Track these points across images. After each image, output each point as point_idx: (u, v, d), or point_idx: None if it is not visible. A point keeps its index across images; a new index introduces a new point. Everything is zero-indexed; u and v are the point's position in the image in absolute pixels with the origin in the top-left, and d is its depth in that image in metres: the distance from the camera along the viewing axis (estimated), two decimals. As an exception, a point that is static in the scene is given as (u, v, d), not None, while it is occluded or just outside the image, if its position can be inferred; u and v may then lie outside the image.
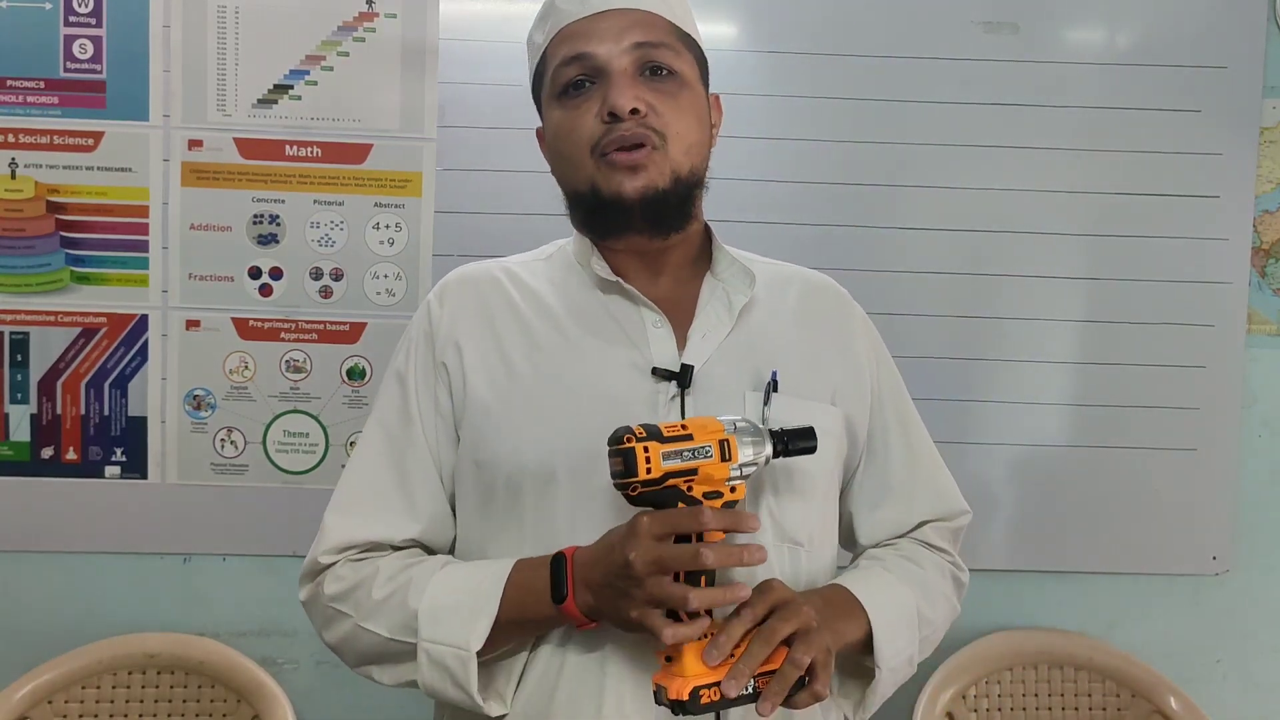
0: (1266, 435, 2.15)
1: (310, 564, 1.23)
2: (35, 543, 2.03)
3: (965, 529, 1.36)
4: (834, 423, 1.25)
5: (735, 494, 1.08)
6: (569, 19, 1.22)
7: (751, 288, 1.25)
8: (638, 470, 1.03)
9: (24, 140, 1.96)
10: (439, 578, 1.15)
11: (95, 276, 1.99)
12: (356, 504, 1.23)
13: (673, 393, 1.18)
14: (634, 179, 1.17)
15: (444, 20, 1.99)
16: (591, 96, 1.19)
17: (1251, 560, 2.16)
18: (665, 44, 1.21)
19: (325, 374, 2.03)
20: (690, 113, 1.21)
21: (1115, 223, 2.08)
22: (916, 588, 1.25)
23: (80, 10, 1.95)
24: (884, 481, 1.32)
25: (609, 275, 1.23)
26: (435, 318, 1.26)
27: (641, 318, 1.22)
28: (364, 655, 1.21)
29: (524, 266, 1.31)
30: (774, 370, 1.19)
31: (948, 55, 2.05)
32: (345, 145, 2.00)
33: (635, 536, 1.04)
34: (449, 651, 1.12)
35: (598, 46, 1.19)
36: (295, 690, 2.02)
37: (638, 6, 1.21)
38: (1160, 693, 2.03)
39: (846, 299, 1.35)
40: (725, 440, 1.06)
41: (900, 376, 1.36)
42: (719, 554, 1.03)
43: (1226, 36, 2.07)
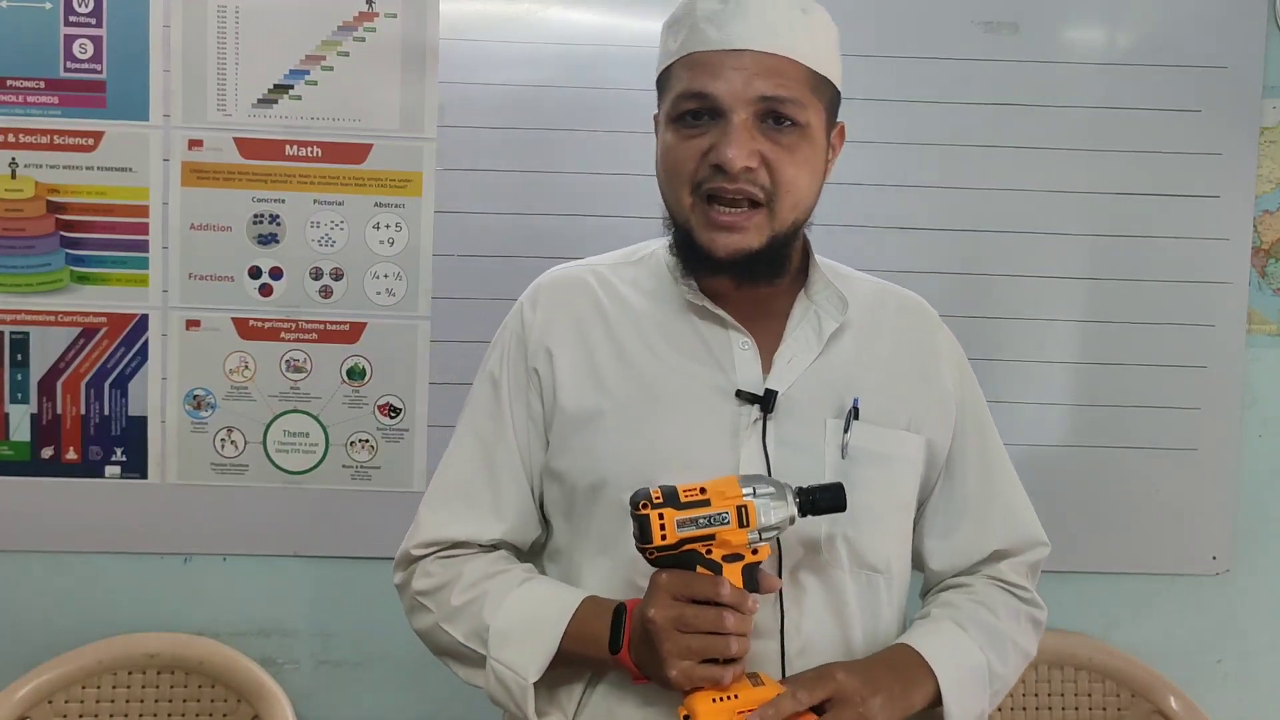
0: (1266, 435, 2.15)
1: (403, 554, 1.28)
2: (35, 543, 2.03)
3: (1042, 564, 1.34)
4: (914, 450, 1.24)
5: (757, 556, 1.08)
6: (704, 45, 1.17)
7: (843, 313, 1.24)
8: (652, 538, 1.05)
9: (24, 140, 1.96)
10: (513, 597, 1.18)
11: (95, 276, 1.99)
12: (448, 501, 1.27)
13: (755, 417, 1.18)
14: (728, 239, 1.16)
15: (444, 20, 1.99)
16: (705, 133, 1.16)
17: (1251, 560, 2.16)
18: (793, 99, 1.16)
19: (325, 374, 2.02)
20: (805, 166, 1.18)
21: (1115, 223, 2.08)
22: (990, 642, 1.23)
23: (80, 10, 1.95)
24: (960, 507, 1.30)
25: (696, 299, 1.23)
26: (528, 322, 1.27)
27: (729, 339, 1.22)
28: (441, 649, 1.26)
29: (615, 271, 1.30)
30: (855, 398, 1.19)
31: (948, 55, 2.05)
32: (345, 145, 2.00)
33: (654, 593, 1.07)
34: (510, 676, 1.16)
35: (723, 89, 1.14)
36: (295, 690, 2.02)
37: (775, 51, 1.16)
38: (1160, 693, 2.03)
39: (934, 320, 1.34)
40: (743, 506, 1.06)
41: (985, 403, 1.34)
42: (739, 620, 1.05)
43: (1226, 36, 2.07)
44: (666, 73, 1.22)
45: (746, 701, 1.05)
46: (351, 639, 2.08)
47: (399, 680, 2.09)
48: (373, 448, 2.04)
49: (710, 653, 1.05)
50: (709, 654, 1.05)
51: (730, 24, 1.16)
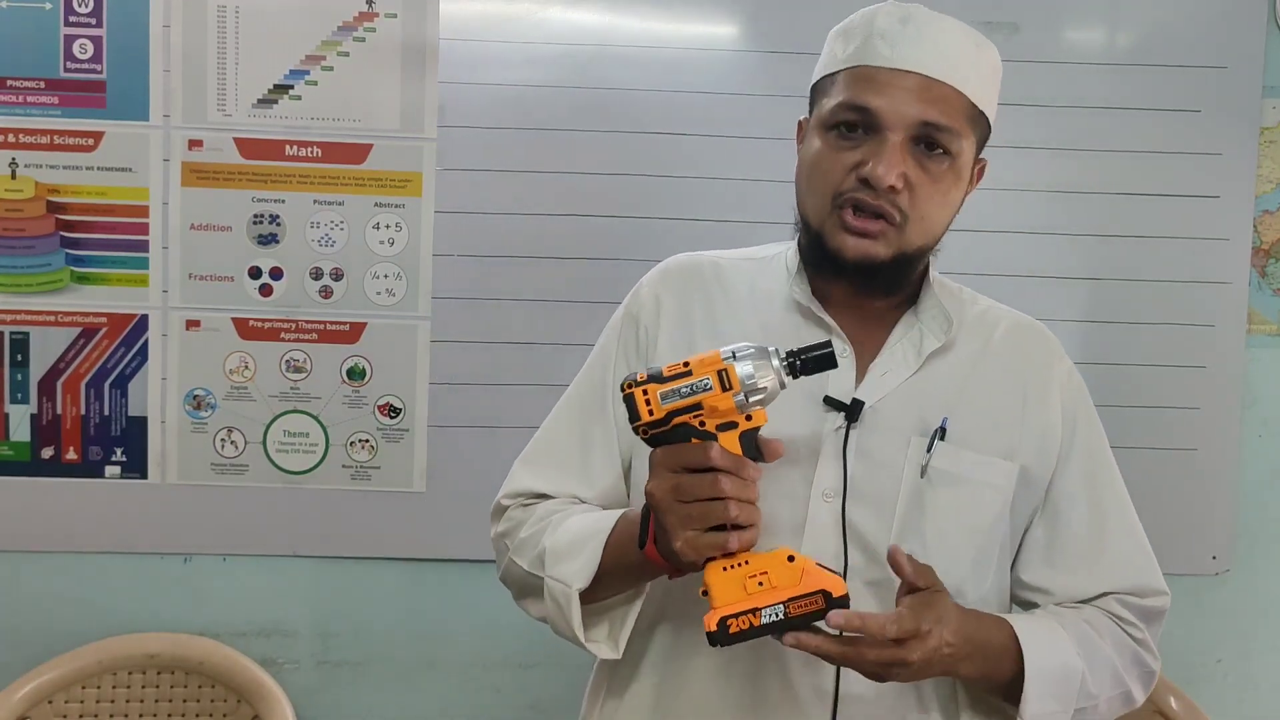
0: (1266, 435, 2.15)
1: (495, 505, 1.32)
2: (35, 543, 2.03)
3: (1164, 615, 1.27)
4: (1003, 477, 1.21)
5: (752, 421, 1.07)
6: (875, 60, 1.17)
7: (946, 334, 1.23)
8: (639, 414, 1.06)
9: (24, 140, 1.96)
10: (569, 522, 1.20)
11: (95, 276, 1.99)
12: (540, 460, 1.30)
13: (839, 424, 1.18)
14: (859, 244, 1.16)
15: (444, 20, 1.98)
16: (857, 146, 1.16)
17: (1251, 560, 2.16)
18: (951, 128, 1.16)
19: (325, 374, 2.02)
20: (945, 197, 1.19)
21: (1115, 223, 2.08)
22: (1087, 654, 1.18)
23: (80, 10, 1.95)
24: (1064, 546, 1.25)
25: (807, 301, 1.23)
26: (642, 300, 1.29)
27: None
28: (518, 586, 1.27)
29: (735, 266, 1.31)
30: (945, 418, 1.18)
31: (948, 55, 2.05)
32: (345, 145, 2.00)
33: (652, 471, 1.08)
34: (559, 588, 1.16)
35: (886, 107, 1.15)
36: (295, 690, 2.02)
37: (943, 78, 1.16)
38: (1160, 693, 2.03)
39: (1053, 350, 1.30)
40: (723, 370, 1.06)
41: (1105, 442, 1.30)
42: (736, 484, 1.04)
43: (1226, 36, 2.06)
44: (829, 79, 1.21)
45: (758, 566, 1.04)
46: (351, 639, 2.08)
47: (399, 680, 2.09)
48: (373, 448, 2.04)
49: (711, 519, 1.04)
50: (710, 520, 1.04)
51: (904, 44, 1.16)
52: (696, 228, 2.01)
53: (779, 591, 1.04)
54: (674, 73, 2.00)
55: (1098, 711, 1.21)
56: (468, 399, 2.02)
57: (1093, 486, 1.27)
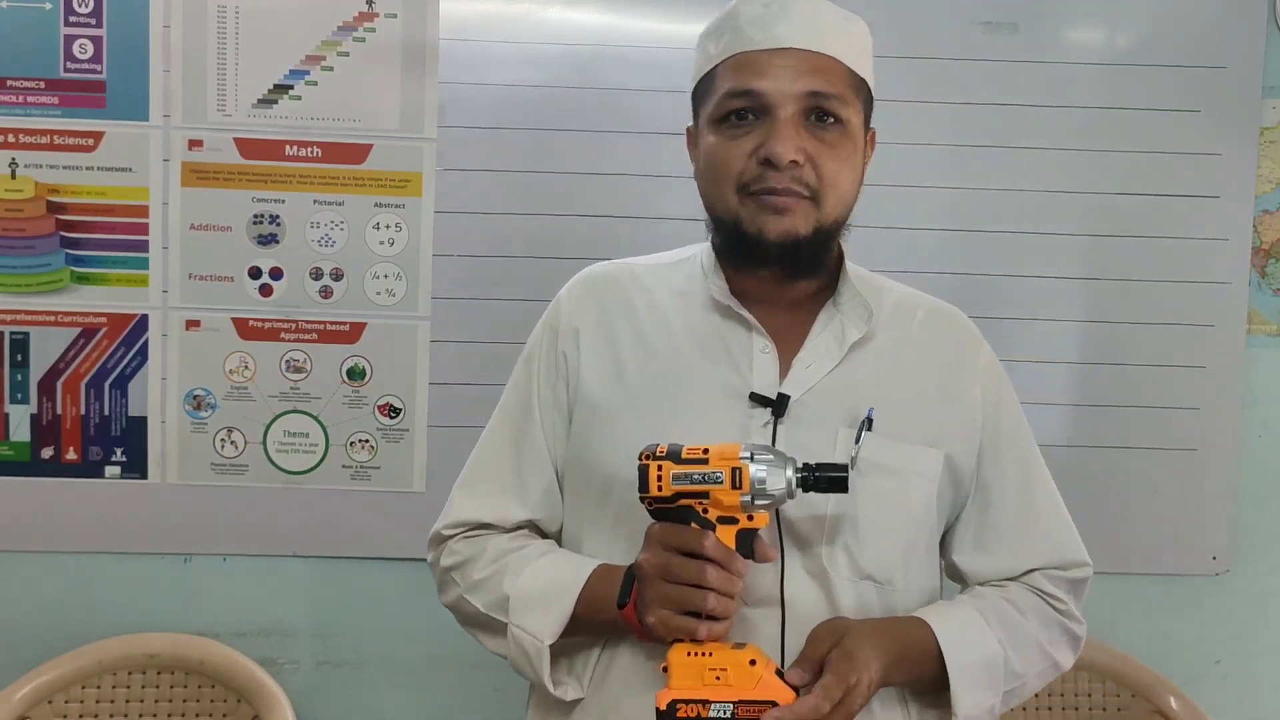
0: (1266, 435, 2.15)
1: (435, 533, 1.32)
2: (35, 543, 2.03)
3: (1088, 583, 1.31)
4: (931, 465, 1.23)
5: (754, 522, 1.10)
6: (748, 46, 1.19)
7: (867, 324, 1.24)
8: (650, 487, 1.09)
9: (24, 140, 1.96)
10: (532, 568, 1.22)
11: (95, 276, 1.99)
12: (477, 484, 1.31)
13: (766, 420, 1.20)
14: (778, 222, 1.18)
15: (444, 20, 1.99)
16: (751, 132, 1.18)
17: (1251, 560, 2.16)
18: (837, 95, 1.19)
19: (325, 374, 2.02)
20: (847, 164, 1.21)
21: (1115, 223, 2.08)
22: (1009, 636, 1.22)
23: (80, 10, 1.95)
24: (994, 526, 1.28)
25: (724, 299, 1.24)
26: (562, 312, 1.30)
27: (751, 341, 1.24)
28: (468, 620, 1.29)
29: (652, 271, 1.33)
30: (871, 408, 1.19)
31: (948, 55, 2.05)
32: (345, 145, 2.00)
33: (647, 543, 1.11)
34: (528, 639, 1.19)
35: (770, 86, 1.17)
36: (295, 690, 2.02)
37: (820, 49, 1.19)
38: (1160, 693, 2.03)
39: (972, 336, 1.33)
40: (738, 468, 1.08)
41: (1025, 423, 1.33)
42: (722, 578, 1.07)
43: (1226, 36, 2.06)
44: (708, 78, 1.24)
45: (720, 661, 1.08)
46: (351, 639, 2.08)
47: (399, 680, 2.09)
48: (373, 448, 2.04)
49: (688, 604, 1.07)
50: (687, 606, 1.07)
51: (775, 25, 1.19)
52: (695, 228, 2.00)
53: (733, 690, 1.08)
54: (674, 73, 1.99)
55: (1027, 686, 1.25)
56: (468, 399, 2.02)
57: (1019, 469, 1.30)
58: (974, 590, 1.29)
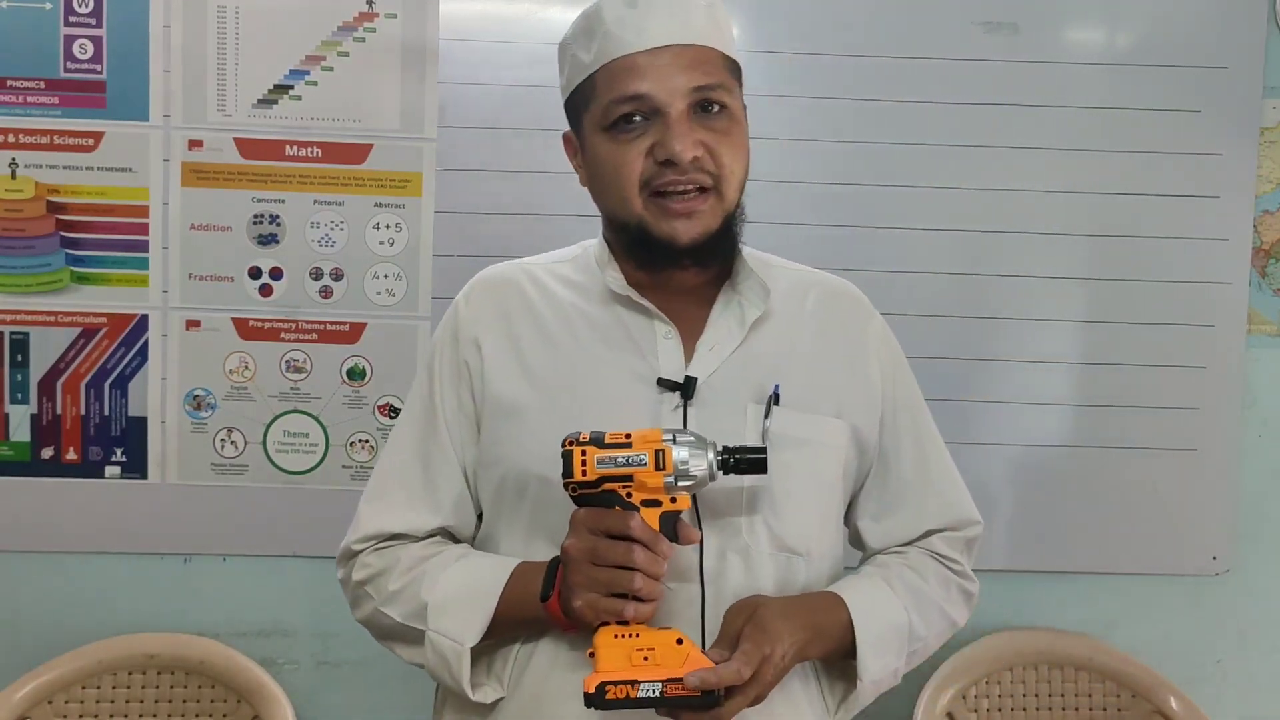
0: (1266, 435, 2.15)
1: (344, 549, 1.31)
2: (35, 543, 2.03)
3: (979, 540, 1.36)
4: (838, 435, 1.26)
5: (677, 504, 1.12)
6: (625, 49, 1.19)
7: (765, 302, 1.26)
8: (574, 472, 1.10)
9: (24, 140, 1.96)
10: (450, 572, 1.22)
11: (95, 276, 1.99)
12: (385, 495, 1.30)
13: (676, 404, 1.21)
14: (690, 226, 1.20)
15: (444, 20, 1.99)
16: (645, 134, 1.19)
17: (1251, 560, 2.16)
18: (720, 84, 1.20)
19: (325, 374, 2.02)
20: (739, 148, 1.23)
21: (1115, 223, 2.08)
22: (914, 602, 1.27)
23: (80, 10, 1.95)
24: (895, 491, 1.32)
25: (622, 289, 1.25)
26: (462, 317, 1.30)
27: (653, 328, 1.25)
28: (385, 632, 1.27)
29: (547, 269, 1.33)
30: (776, 384, 1.21)
31: (948, 55, 2.05)
32: (345, 145, 2.00)
33: (572, 528, 1.12)
34: (448, 644, 1.19)
35: (655, 87, 1.18)
36: (295, 690, 2.02)
37: (694, 41, 1.20)
38: (1160, 693, 2.03)
39: (865, 308, 1.36)
40: (661, 450, 1.10)
41: (917, 387, 1.36)
42: (648, 558, 1.09)
43: (1226, 36, 2.07)
44: (585, 85, 1.24)
45: (647, 642, 1.09)
46: (351, 639, 2.08)
47: (399, 680, 2.09)
48: (373, 448, 2.04)
49: (616, 586, 1.08)
50: (615, 587, 1.08)
51: (645, 24, 1.19)
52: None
53: (660, 670, 1.09)
54: (674, 73, 2.00)
55: (928, 646, 1.30)
56: (468, 399, 2.02)
57: (915, 435, 1.33)
58: (876, 560, 1.32)
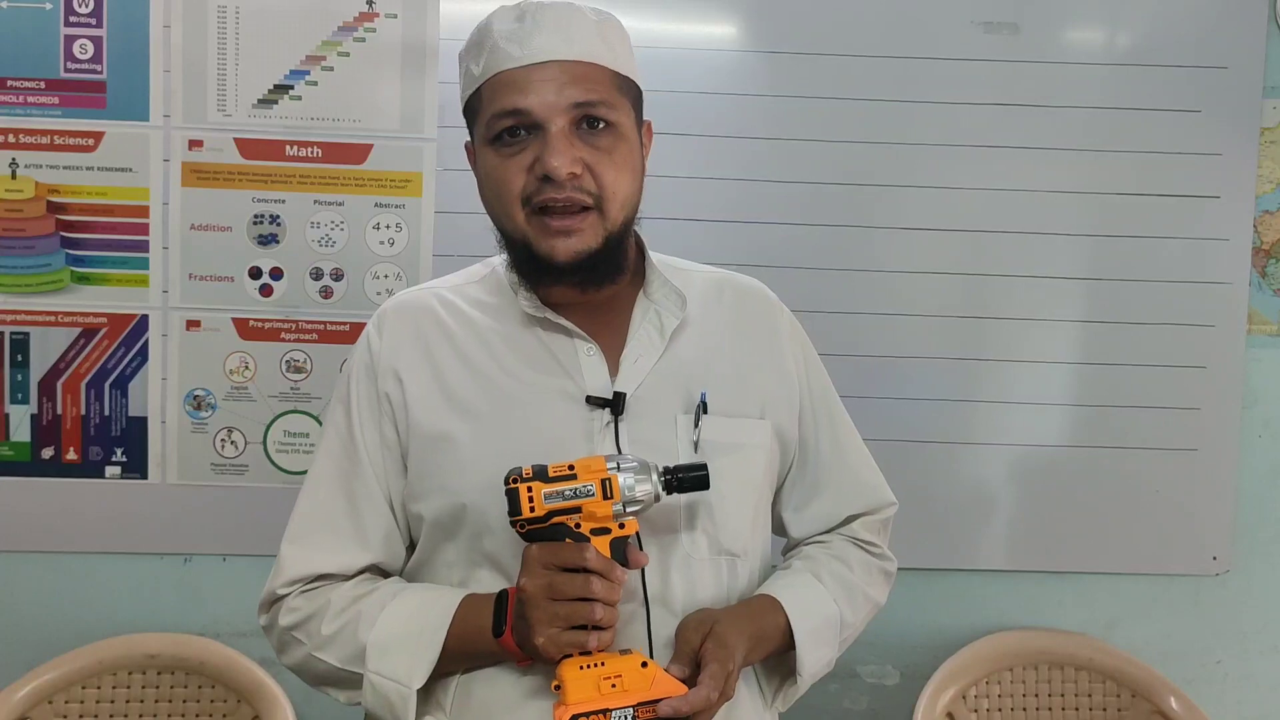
0: (1266, 435, 2.15)
1: (268, 594, 1.26)
2: (35, 543, 2.03)
3: (892, 520, 1.40)
4: (763, 435, 1.28)
5: (625, 530, 1.12)
6: (508, 63, 1.19)
7: (683, 309, 1.27)
8: (521, 509, 1.10)
9: (24, 140, 1.96)
10: (389, 610, 1.19)
11: (95, 276, 1.99)
12: (309, 535, 1.26)
13: (607, 420, 1.21)
14: (567, 243, 1.19)
15: (444, 20, 1.99)
16: (526, 148, 1.18)
17: (1251, 560, 2.16)
18: (603, 101, 1.19)
19: (326, 374, 2.02)
20: (626, 166, 1.21)
21: (1115, 223, 2.08)
22: (843, 593, 1.30)
23: (80, 10, 1.95)
24: (814, 480, 1.35)
25: (537, 311, 1.24)
26: (375, 349, 1.27)
27: (574, 346, 1.24)
28: (319, 679, 1.25)
29: (458, 292, 1.32)
30: (703, 392, 1.22)
31: (948, 55, 2.05)
32: (345, 145, 2.00)
33: (525, 565, 1.11)
34: (391, 686, 1.17)
35: (536, 102, 1.17)
36: (295, 690, 2.01)
37: (579, 58, 1.19)
38: (1160, 693, 2.03)
39: (774, 304, 1.37)
40: (607, 479, 1.10)
41: (827, 376, 1.38)
42: (605, 587, 1.09)
43: (1226, 36, 2.07)
44: (475, 97, 1.24)
45: (613, 669, 1.10)
46: (351, 639, 2.08)
47: (399, 680, 2.09)
48: (373, 448, 2.04)
49: (577, 619, 1.08)
50: (576, 620, 1.09)
51: (530, 40, 1.19)
52: (694, 228, 2.01)
53: (630, 695, 1.10)
54: (672, 72, 2.00)
55: (856, 631, 1.34)
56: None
57: (830, 424, 1.36)
58: (803, 553, 1.35)
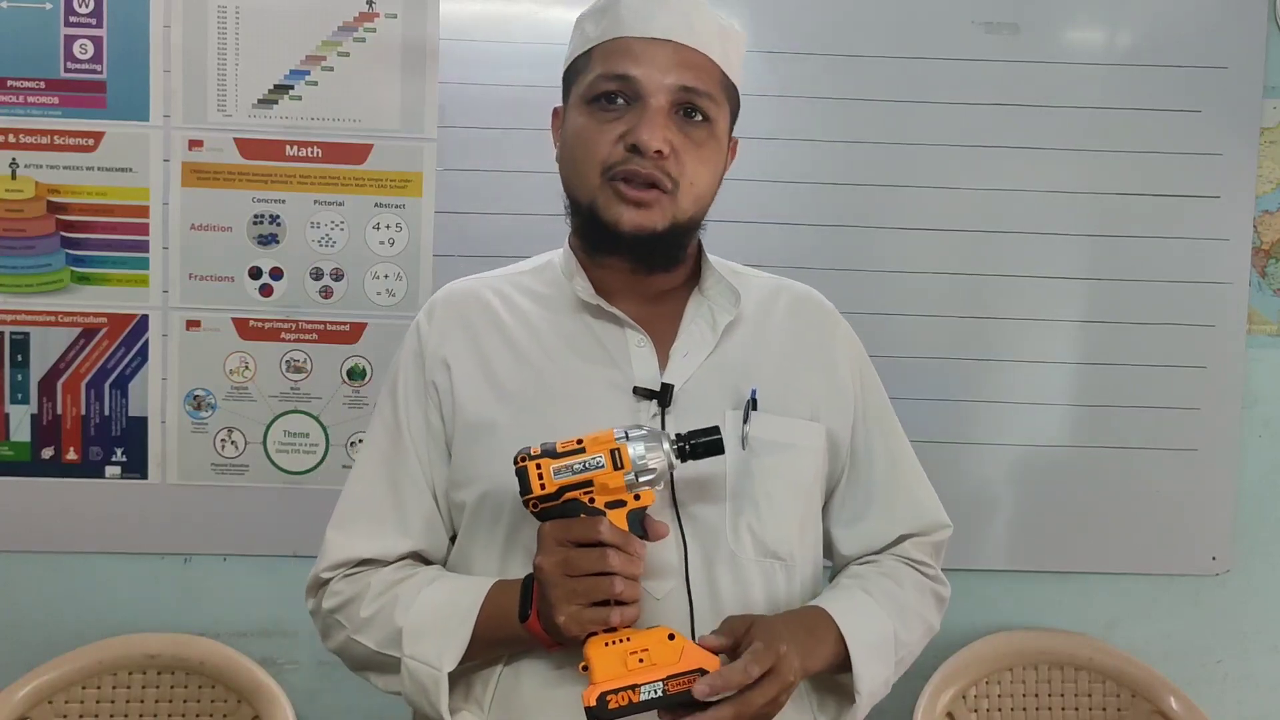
0: (1266, 435, 2.15)
1: (313, 578, 1.27)
2: (35, 543, 2.03)
3: (947, 543, 1.36)
4: (815, 438, 1.26)
5: (641, 501, 1.10)
6: (627, 31, 1.20)
7: (736, 306, 1.26)
8: (531, 487, 1.08)
9: (24, 140, 1.96)
10: (424, 596, 1.19)
11: (96, 276, 1.99)
12: (353, 521, 1.27)
13: (653, 412, 1.20)
14: (634, 214, 1.18)
15: (444, 20, 1.99)
16: (620, 117, 1.18)
17: (1251, 560, 2.16)
18: (708, 93, 1.20)
19: (325, 374, 2.03)
20: (709, 164, 1.22)
21: (1115, 223, 2.08)
22: (896, 612, 1.26)
23: (80, 10, 1.95)
24: (866, 495, 1.32)
25: (591, 298, 1.24)
26: (424, 336, 1.27)
27: (625, 337, 1.24)
28: (359, 662, 1.25)
29: (511, 281, 1.32)
30: (753, 388, 1.21)
31: (948, 55, 2.05)
32: (345, 145, 2.00)
33: (541, 544, 1.09)
34: (424, 670, 1.16)
35: (644, 74, 1.17)
36: (295, 690, 2.02)
37: (696, 46, 1.20)
38: (1160, 693, 2.03)
39: (832, 314, 1.36)
40: (616, 449, 1.08)
41: (884, 391, 1.37)
42: (624, 560, 1.07)
43: (1226, 36, 2.07)
44: (583, 59, 1.24)
45: (639, 644, 1.07)
46: (351, 639, 2.08)
47: (399, 680, 2.09)
48: (373, 448, 2.04)
49: (596, 594, 1.06)
50: (596, 595, 1.07)
51: (656, 16, 1.20)
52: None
53: (658, 669, 1.07)
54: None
55: (912, 653, 1.29)
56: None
57: (885, 438, 1.34)
58: (851, 571, 1.31)
